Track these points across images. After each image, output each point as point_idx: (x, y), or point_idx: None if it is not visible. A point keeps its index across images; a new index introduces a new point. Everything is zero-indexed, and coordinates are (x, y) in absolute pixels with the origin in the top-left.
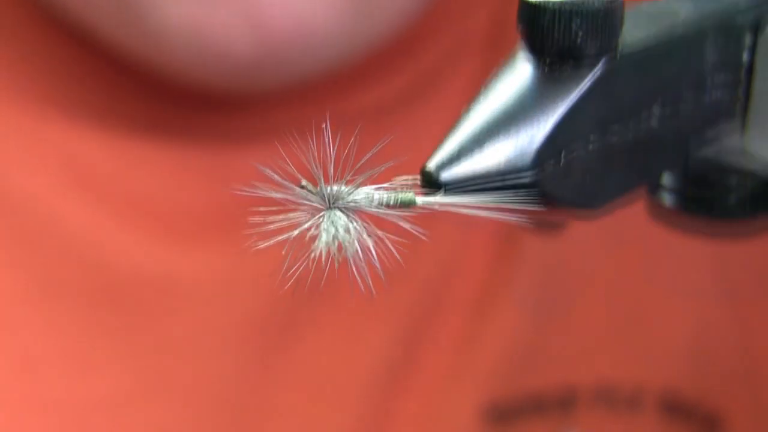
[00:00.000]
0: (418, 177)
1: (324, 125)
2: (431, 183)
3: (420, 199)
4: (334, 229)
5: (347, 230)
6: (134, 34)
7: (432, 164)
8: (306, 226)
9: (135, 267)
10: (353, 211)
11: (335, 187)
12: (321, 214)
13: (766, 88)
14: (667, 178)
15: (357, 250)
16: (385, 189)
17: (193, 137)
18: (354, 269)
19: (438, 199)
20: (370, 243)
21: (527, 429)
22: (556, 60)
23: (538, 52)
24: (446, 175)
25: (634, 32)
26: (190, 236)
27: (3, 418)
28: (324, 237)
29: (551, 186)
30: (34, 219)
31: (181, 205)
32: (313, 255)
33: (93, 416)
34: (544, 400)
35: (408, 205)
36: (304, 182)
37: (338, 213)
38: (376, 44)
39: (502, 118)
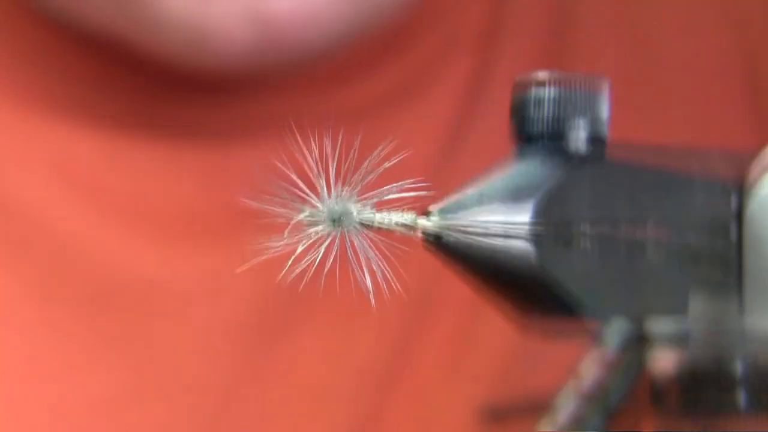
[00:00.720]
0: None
1: (326, 136)
2: (430, 235)
3: (421, 222)
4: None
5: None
6: (130, 24)
7: (431, 214)
8: (308, 245)
9: (129, 269)
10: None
11: (337, 208)
12: (325, 233)
13: (757, 270)
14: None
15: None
16: (387, 210)
17: (186, 135)
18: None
19: (439, 222)
20: (370, 254)
21: (522, 429)
22: (541, 140)
23: (525, 131)
24: (444, 222)
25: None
26: (184, 237)
27: (1, 420)
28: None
29: (551, 260)
30: (25, 221)
31: (174, 206)
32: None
33: (89, 419)
34: (539, 399)
35: (409, 227)
36: (307, 212)
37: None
38: (377, 29)
39: (500, 184)
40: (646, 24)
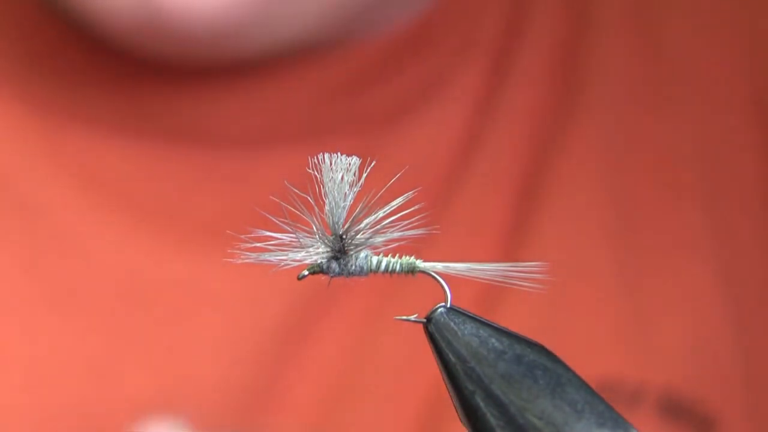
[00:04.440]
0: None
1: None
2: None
3: (421, 264)
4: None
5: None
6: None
7: None
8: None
9: (156, 272)
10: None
11: (340, 256)
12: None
13: None
14: None
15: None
16: (388, 254)
17: (213, 143)
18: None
19: (439, 265)
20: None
21: None
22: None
23: None
24: None
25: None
26: (210, 240)
27: (30, 424)
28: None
29: None
30: (51, 229)
31: (201, 210)
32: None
33: (116, 419)
34: None
35: (410, 270)
36: (307, 271)
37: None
38: (308, 38)
39: None
40: (660, 29)
